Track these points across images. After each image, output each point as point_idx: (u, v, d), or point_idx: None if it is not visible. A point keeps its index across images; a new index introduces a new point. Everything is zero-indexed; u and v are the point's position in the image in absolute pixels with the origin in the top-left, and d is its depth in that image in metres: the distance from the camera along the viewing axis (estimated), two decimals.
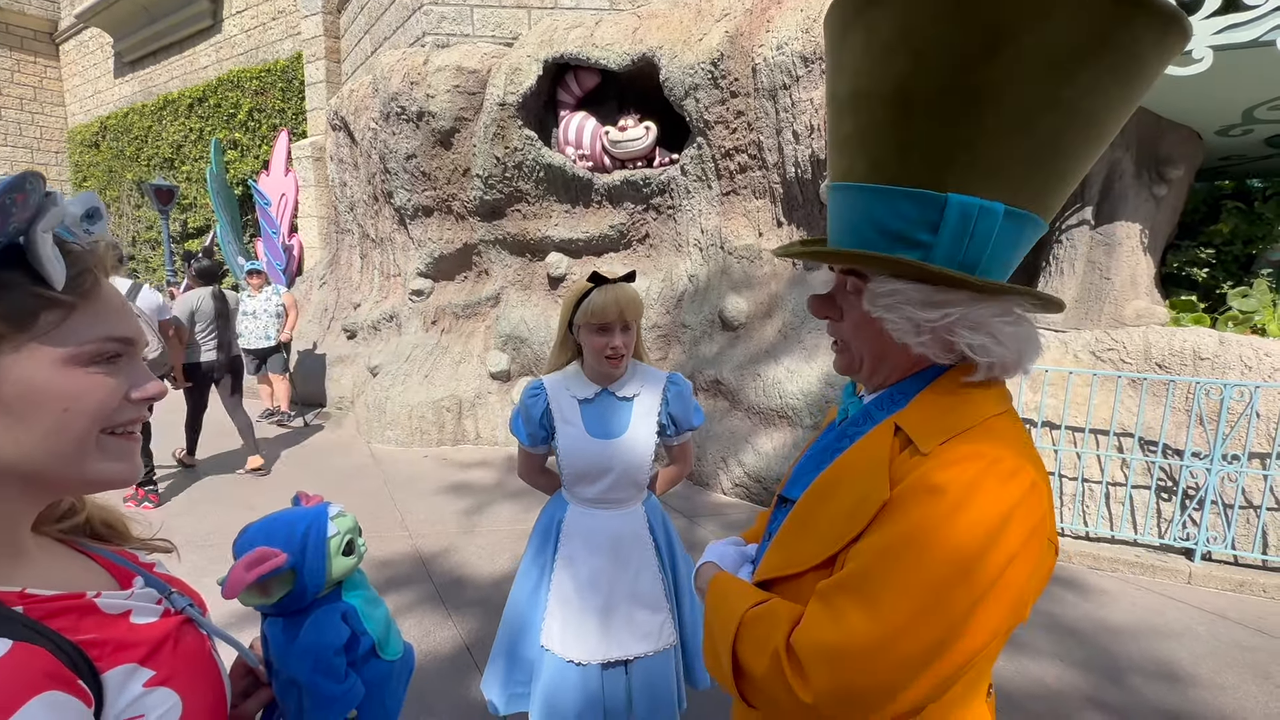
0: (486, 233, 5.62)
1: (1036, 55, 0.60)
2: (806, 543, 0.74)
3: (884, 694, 0.64)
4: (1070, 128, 0.65)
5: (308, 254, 8.85)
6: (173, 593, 0.65)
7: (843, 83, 0.71)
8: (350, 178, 7.03)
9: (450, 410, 5.48)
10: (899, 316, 0.70)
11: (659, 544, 1.54)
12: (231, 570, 0.70)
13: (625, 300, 1.39)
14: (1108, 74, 0.62)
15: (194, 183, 11.36)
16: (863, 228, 0.71)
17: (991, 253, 0.69)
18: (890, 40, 0.64)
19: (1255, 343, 3.49)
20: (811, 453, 0.88)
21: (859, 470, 0.73)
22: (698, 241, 4.98)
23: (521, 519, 3.91)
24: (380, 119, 5.62)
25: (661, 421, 1.51)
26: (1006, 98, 0.62)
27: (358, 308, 7.06)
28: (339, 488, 4.43)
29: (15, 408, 0.51)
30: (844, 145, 0.72)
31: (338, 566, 0.75)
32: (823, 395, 3.97)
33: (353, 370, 6.62)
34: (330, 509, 0.78)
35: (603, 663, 1.45)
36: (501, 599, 2.96)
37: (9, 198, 0.48)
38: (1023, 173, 0.66)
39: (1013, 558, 0.62)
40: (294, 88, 9.70)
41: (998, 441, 0.68)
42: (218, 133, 10.56)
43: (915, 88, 0.64)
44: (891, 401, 0.77)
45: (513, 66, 4.99)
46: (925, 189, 0.66)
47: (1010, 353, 0.70)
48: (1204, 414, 3.33)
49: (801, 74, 4.20)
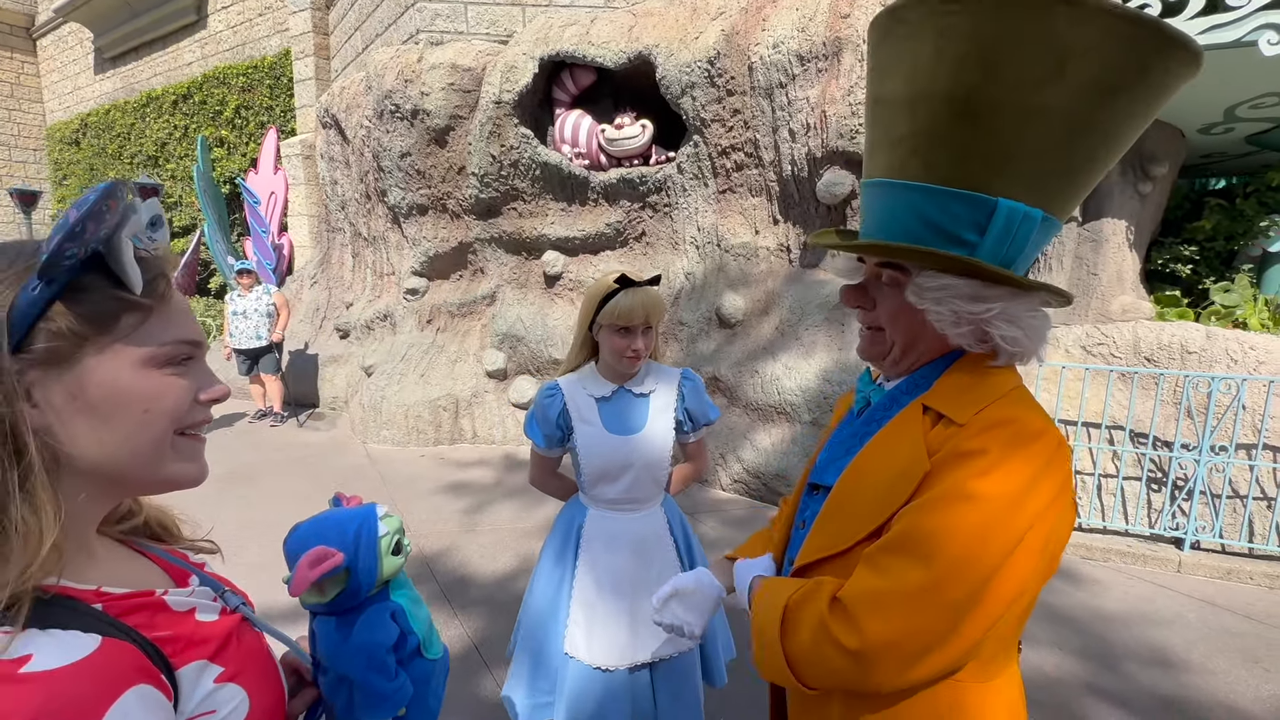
0: (482, 231, 5.61)
1: (1088, 81, 0.66)
2: (849, 521, 0.78)
3: (933, 638, 0.67)
4: (1102, 147, 0.71)
5: (298, 253, 8.77)
6: (226, 591, 0.66)
7: (899, 85, 0.75)
8: (341, 176, 6.97)
9: (447, 409, 5.46)
10: (946, 309, 0.76)
11: (679, 544, 1.55)
12: (296, 569, 0.71)
13: (651, 303, 1.40)
14: (1138, 100, 0.69)
15: (179, 181, 11.20)
16: (911, 223, 0.76)
17: (1025, 253, 0.75)
18: (965, 51, 0.68)
19: (1240, 336, 3.58)
20: (839, 439, 0.92)
21: (896, 448, 0.77)
22: (694, 239, 5.01)
23: (522, 517, 3.92)
24: (374, 116, 5.58)
25: (678, 417, 1.53)
26: (1057, 116, 0.68)
27: (350, 307, 7.01)
28: (336, 488, 4.35)
29: (101, 408, 0.52)
30: (897, 145, 0.76)
31: (388, 566, 0.77)
32: (821, 391, 4.02)
33: (346, 370, 6.57)
34: (378, 509, 0.80)
35: (630, 667, 1.46)
36: (506, 597, 2.99)
37: (104, 204, 0.49)
38: (1058, 184, 0.73)
39: (1044, 509, 0.68)
40: (282, 85, 9.59)
41: (1024, 406, 0.75)
42: (203, 130, 10.41)
43: (982, 99, 0.69)
44: (916, 385, 0.82)
45: (508, 64, 4.98)
46: (978, 192, 0.72)
47: (1033, 343, 0.77)
48: (1193, 407, 3.41)
49: (797, 73, 4.23)
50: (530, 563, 3.33)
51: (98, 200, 0.49)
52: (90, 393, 0.52)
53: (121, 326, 0.53)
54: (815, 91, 4.20)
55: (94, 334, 0.52)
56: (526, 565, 3.29)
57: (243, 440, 5.60)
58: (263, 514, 3.93)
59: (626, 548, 1.50)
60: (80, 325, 0.50)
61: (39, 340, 0.50)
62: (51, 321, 0.50)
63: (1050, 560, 0.71)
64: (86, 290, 0.51)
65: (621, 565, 1.49)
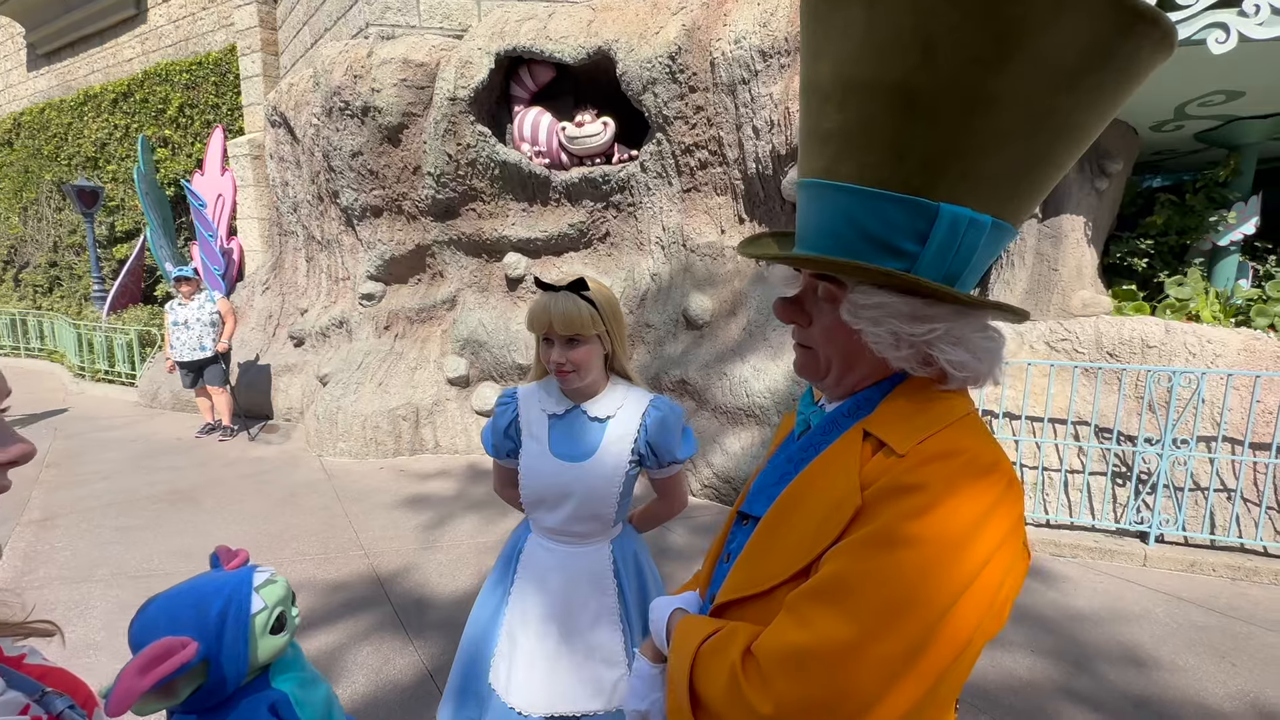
0: (440, 233, 5.40)
1: (1044, 63, 0.56)
2: (774, 557, 0.68)
3: (858, 703, 0.56)
4: (1061, 140, 0.61)
5: (249, 258, 8.39)
6: (46, 693, 0.51)
7: (828, 70, 0.64)
8: (292, 177, 6.67)
9: (407, 419, 5.25)
10: (883, 330, 0.66)
11: (625, 590, 1.39)
12: (120, 677, 0.54)
13: (557, 311, 1.23)
14: (1104, 86, 0.58)
15: (121, 183, 10.64)
16: (843, 231, 0.65)
17: (972, 265, 0.65)
18: (900, 25, 0.57)
19: (1198, 330, 3.63)
20: (773, 464, 0.81)
21: (829, 478, 0.67)
22: (659, 239, 4.90)
23: (485, 531, 3.75)
24: (323, 114, 5.33)
25: (639, 450, 1.36)
26: (1010, 105, 0.57)
27: (304, 313, 6.71)
28: (289, 505, 4.17)
29: None
30: (826, 140, 0.65)
31: (264, 648, 0.62)
32: (790, 393, 3.95)
33: (301, 379, 6.29)
34: (256, 575, 0.65)
35: (545, 716, 1.31)
36: (464, 617, 2.83)
37: None
38: (1012, 185, 0.62)
39: (991, 554, 0.58)
40: (228, 82, 9.17)
41: (973, 436, 0.65)
42: (145, 129, 9.91)
43: (921, 84, 0.58)
44: (858, 408, 0.72)
45: (463, 60, 4.79)
46: (917, 196, 0.61)
47: (984, 365, 0.67)
48: (1154, 401, 3.44)
49: (760, 69, 4.15)
50: None
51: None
52: None
53: None
54: (778, 88, 4.13)
55: None
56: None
57: (187, 457, 5.29)
58: (207, 538, 3.69)
59: (560, 583, 1.36)
60: None
61: None
62: None
63: (999, 612, 0.61)
64: None
65: (551, 602, 1.35)
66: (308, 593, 3.04)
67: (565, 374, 1.29)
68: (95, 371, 8.50)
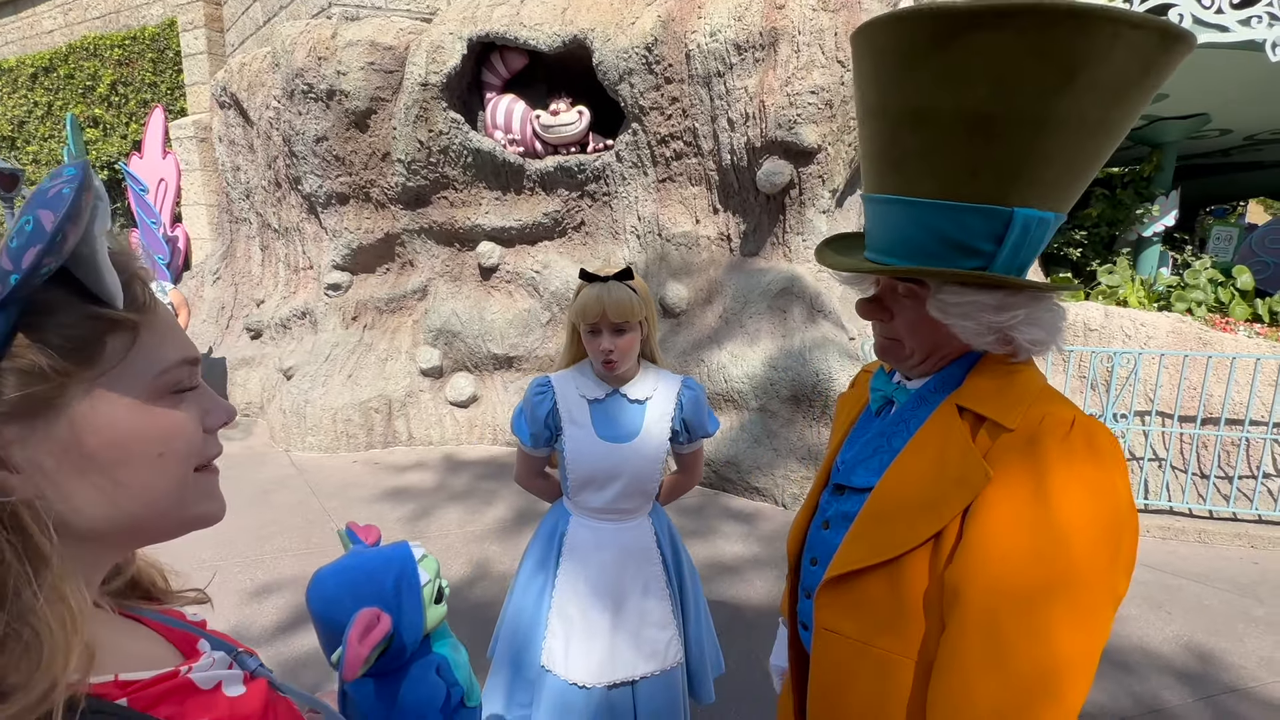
0: (410, 221, 5.30)
1: (1099, 86, 0.66)
2: (897, 528, 0.76)
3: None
4: (1108, 143, 0.72)
5: (196, 246, 7.98)
6: (239, 652, 0.56)
7: (896, 101, 0.73)
8: (245, 161, 6.38)
9: (379, 411, 5.16)
10: (972, 323, 0.75)
11: (666, 557, 1.49)
12: (346, 647, 0.59)
13: (611, 301, 1.29)
14: (1145, 94, 0.70)
15: (43, 165, 9.89)
16: (923, 239, 0.75)
17: (1037, 253, 0.76)
18: (971, 67, 0.66)
19: (1133, 314, 3.97)
20: (864, 438, 0.90)
21: (942, 451, 0.77)
22: (635, 229, 4.96)
23: (470, 521, 3.77)
24: (283, 97, 5.13)
25: (675, 427, 1.45)
26: (1070, 122, 0.68)
27: (261, 304, 6.47)
28: (261, 502, 4.07)
29: (103, 460, 0.41)
30: (901, 162, 0.75)
31: (432, 617, 0.68)
32: (767, 378, 4.10)
33: (261, 373, 6.07)
34: (414, 549, 0.70)
35: (608, 684, 1.39)
36: (464, 606, 2.86)
37: (83, 199, 0.37)
38: (1068, 184, 0.74)
39: (1128, 507, 0.70)
40: (167, 59, 8.64)
41: (1062, 402, 0.76)
42: (72, 108, 9.23)
43: (993, 111, 0.68)
44: (944, 384, 0.82)
45: (434, 44, 4.70)
46: (993, 204, 0.71)
47: (1052, 338, 0.78)
48: (1096, 380, 3.76)
49: (735, 62, 4.25)
50: (486, 568, 3.21)
51: (77, 196, 0.37)
52: (88, 444, 0.41)
53: (109, 353, 0.42)
54: (753, 81, 4.24)
55: (77, 369, 0.40)
56: (482, 572, 3.17)
57: None
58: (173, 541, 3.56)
59: (610, 559, 1.43)
60: (58, 360, 0.39)
61: (8, 388, 0.38)
62: (18, 359, 0.38)
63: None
64: (52, 312, 0.39)
65: (603, 578, 1.42)
66: (295, 590, 3.00)
67: (612, 363, 1.35)
68: None
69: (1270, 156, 9.02)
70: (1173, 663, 2.48)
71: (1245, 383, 3.58)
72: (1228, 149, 8.61)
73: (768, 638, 2.56)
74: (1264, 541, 3.44)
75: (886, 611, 0.76)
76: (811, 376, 3.96)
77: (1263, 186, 11.61)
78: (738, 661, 2.11)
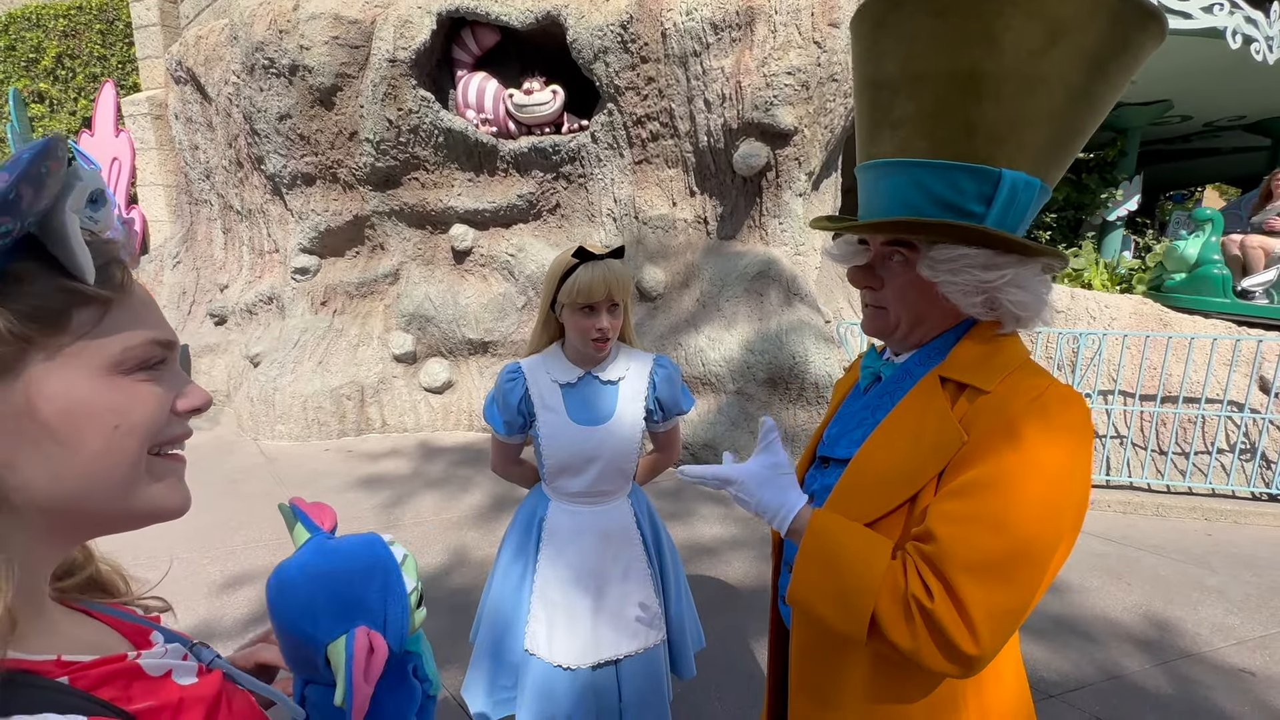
0: (380, 203, 5.16)
1: (1081, 52, 0.70)
2: (875, 493, 0.78)
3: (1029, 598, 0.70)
4: (1089, 116, 0.76)
5: (154, 229, 7.66)
6: (196, 645, 0.55)
7: (894, 67, 0.77)
8: (203, 140, 6.13)
9: (351, 398, 5.06)
10: (962, 279, 0.76)
11: (646, 537, 1.49)
12: (354, 689, 0.55)
13: (614, 278, 1.29)
14: (1123, 70, 0.74)
15: None
16: (917, 200, 0.77)
17: (1024, 221, 0.79)
18: (968, 28, 0.71)
19: (1098, 297, 4.08)
20: (848, 411, 0.92)
21: (921, 419, 0.78)
22: (611, 211, 4.91)
23: (446, 508, 3.73)
24: (243, 72, 4.91)
25: (649, 407, 1.45)
26: (1055, 86, 0.71)
27: (225, 289, 6.25)
28: (229, 493, 3.96)
29: (58, 429, 0.41)
30: (899, 125, 0.77)
31: (414, 624, 0.65)
32: (744, 361, 4.12)
33: (226, 360, 5.89)
34: (395, 551, 0.66)
35: (592, 665, 1.40)
36: (441, 593, 2.83)
37: (43, 166, 0.38)
38: (1053, 153, 0.77)
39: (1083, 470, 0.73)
40: (117, 31, 8.21)
41: (1043, 373, 0.78)
42: (15, 82, 8.73)
43: (987, 70, 0.71)
44: (929, 358, 0.84)
45: (401, 19, 4.54)
46: (985, 165, 0.74)
47: (1038, 305, 0.79)
48: (1063, 360, 3.86)
49: (711, 41, 4.20)
50: (462, 555, 3.18)
51: (34, 160, 0.37)
52: (41, 410, 0.41)
53: (75, 324, 0.42)
54: (730, 61, 4.19)
55: (40, 335, 0.41)
56: (459, 559, 3.14)
57: None
58: (143, 530, 3.45)
59: (590, 542, 1.42)
60: (21, 325, 0.40)
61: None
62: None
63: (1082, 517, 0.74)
64: (22, 280, 0.40)
65: (584, 560, 1.42)
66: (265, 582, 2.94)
67: (605, 342, 1.34)
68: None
69: (1227, 143, 9.30)
70: (1132, 631, 2.59)
71: (1202, 362, 3.72)
72: (1188, 135, 8.85)
73: (747, 613, 2.59)
74: (1216, 514, 3.60)
75: None
76: (788, 359, 3.98)
77: (1220, 173, 11.98)
78: (719, 636, 2.13)
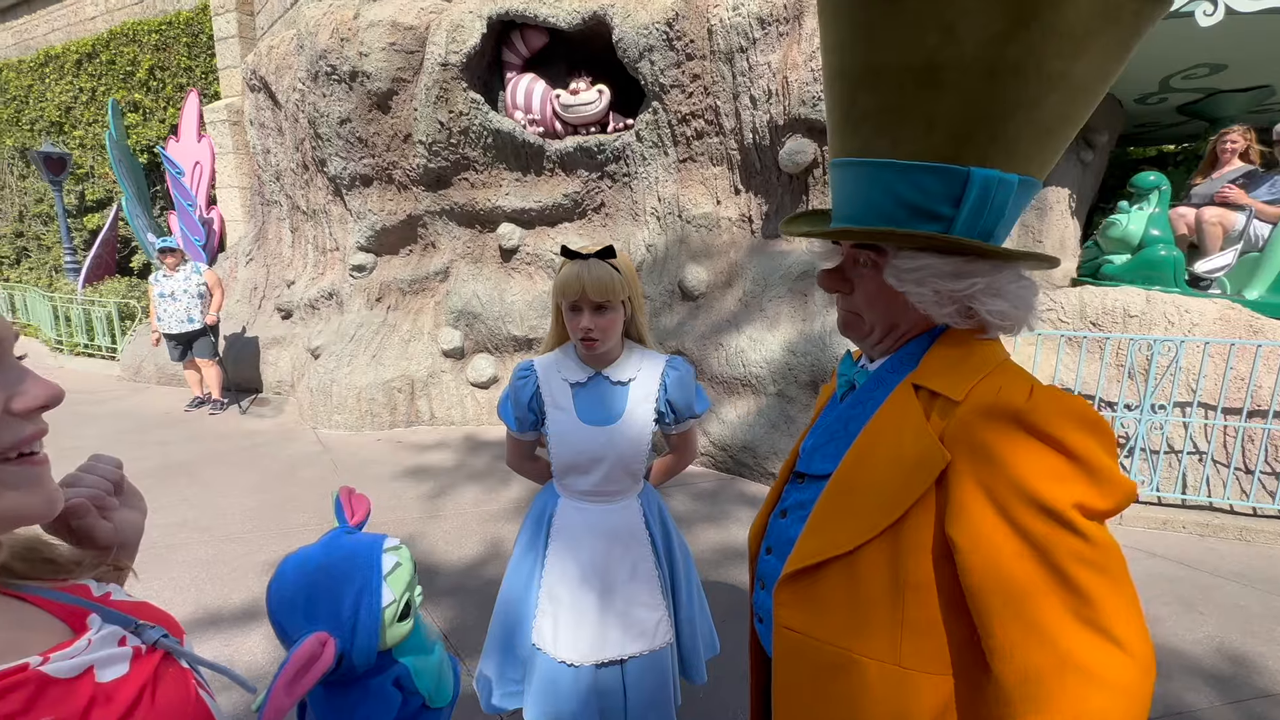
0: (432, 203, 5.33)
1: (1055, 32, 0.61)
2: (855, 518, 0.73)
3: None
4: (1074, 101, 0.67)
5: (230, 228, 8.20)
6: (139, 624, 0.52)
7: (853, 59, 0.70)
8: (274, 144, 6.49)
9: (402, 391, 5.25)
10: (926, 289, 0.71)
11: (655, 538, 1.47)
12: (271, 694, 0.54)
13: (591, 278, 1.27)
14: (1109, 49, 0.64)
15: (89, 149, 10.25)
16: (883, 202, 0.71)
17: (1005, 220, 0.71)
18: (921, 13, 0.63)
19: (1177, 300, 3.76)
20: (823, 424, 0.86)
21: (898, 434, 0.72)
22: (655, 210, 4.89)
23: (486, 501, 3.82)
24: (308, 79, 5.18)
25: (660, 409, 1.42)
26: (1026, 72, 0.63)
27: (291, 285, 6.61)
28: (288, 478, 4.19)
29: None
30: (860, 122, 0.71)
31: (391, 637, 0.65)
32: (785, 363, 4.03)
33: (291, 352, 6.23)
34: (386, 558, 0.67)
35: (596, 663, 1.39)
36: (475, 584, 2.90)
37: None
38: (1034, 144, 0.68)
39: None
40: (201, 43, 8.82)
41: (1021, 372, 0.71)
42: (114, 93, 9.51)
43: (944, 61, 0.63)
44: (902, 364, 0.78)
45: (454, 23, 4.67)
46: (949, 164, 0.67)
47: (1021, 313, 0.73)
48: (1134, 368, 3.58)
49: (758, 36, 4.12)
50: (498, 548, 3.25)
51: None
52: None
53: None
54: (776, 57, 4.10)
55: None
56: (495, 551, 3.21)
57: (178, 431, 5.25)
58: (205, 510, 3.70)
59: (597, 541, 1.42)
60: None
61: None
62: None
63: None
64: None
65: (592, 559, 1.41)
66: None
67: (593, 342, 1.33)
68: (74, 345, 8.31)
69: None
70: (1202, 664, 2.38)
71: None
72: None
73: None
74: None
75: (845, 608, 0.73)
76: (831, 361, 3.87)
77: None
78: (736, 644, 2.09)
